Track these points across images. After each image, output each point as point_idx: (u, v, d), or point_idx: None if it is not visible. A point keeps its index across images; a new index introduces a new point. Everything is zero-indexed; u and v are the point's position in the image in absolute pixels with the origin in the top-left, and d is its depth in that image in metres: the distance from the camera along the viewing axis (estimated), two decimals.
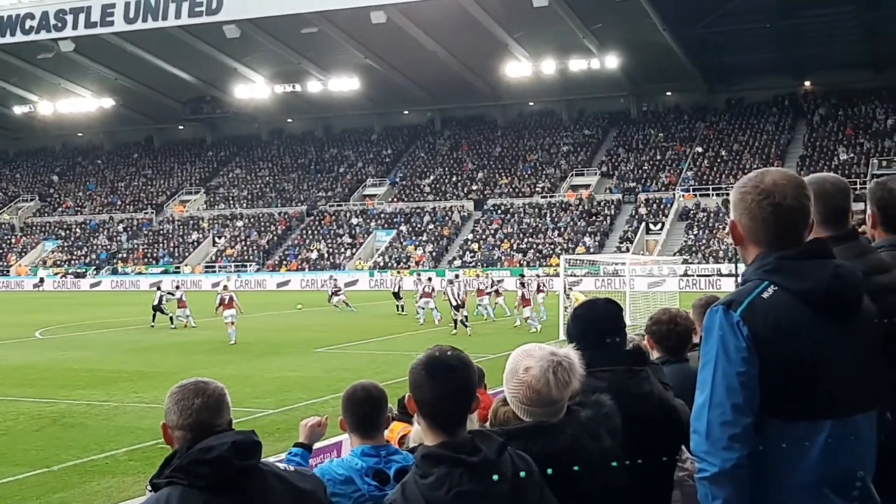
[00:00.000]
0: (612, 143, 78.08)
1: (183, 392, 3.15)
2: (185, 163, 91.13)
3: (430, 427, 3.04)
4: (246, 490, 3.02)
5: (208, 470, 2.96)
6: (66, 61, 74.62)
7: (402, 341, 31.14)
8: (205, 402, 3.12)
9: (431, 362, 3.07)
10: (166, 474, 3.02)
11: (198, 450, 3.00)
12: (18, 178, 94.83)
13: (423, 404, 3.04)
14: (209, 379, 3.23)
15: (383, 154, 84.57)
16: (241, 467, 3.01)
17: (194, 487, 2.96)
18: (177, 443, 3.11)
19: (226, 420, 3.17)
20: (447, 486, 2.88)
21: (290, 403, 19.21)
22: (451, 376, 3.03)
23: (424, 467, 2.95)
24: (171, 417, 3.14)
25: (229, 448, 2.99)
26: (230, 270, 71.82)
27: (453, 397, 3.03)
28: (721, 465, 2.87)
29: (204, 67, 76.81)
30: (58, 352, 30.06)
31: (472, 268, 65.13)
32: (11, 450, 16.07)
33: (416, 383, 3.07)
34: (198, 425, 3.09)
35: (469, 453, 2.93)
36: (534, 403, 3.25)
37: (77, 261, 78.49)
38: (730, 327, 2.92)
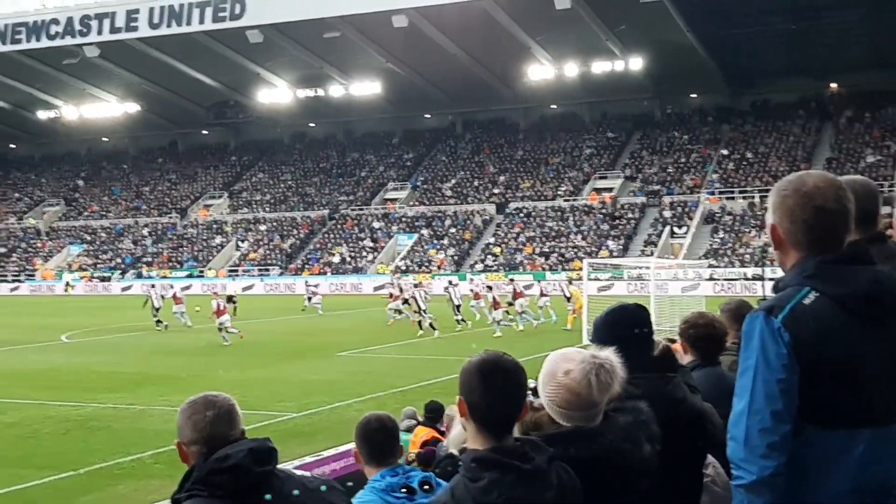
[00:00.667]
0: (635, 146, 77.85)
1: (194, 407, 3.17)
2: (208, 167, 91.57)
3: (478, 431, 3.01)
4: (267, 496, 3.04)
5: (227, 478, 2.97)
6: (91, 66, 75.19)
7: (424, 346, 31.19)
8: (217, 414, 3.14)
9: (486, 366, 3.03)
10: (186, 488, 3.04)
11: (214, 459, 3.02)
12: (44, 183, 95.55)
13: (474, 408, 3.01)
14: (217, 392, 3.26)
15: (405, 158, 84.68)
16: (259, 473, 3.03)
17: (215, 497, 2.98)
18: (193, 458, 3.12)
19: (239, 430, 3.18)
20: (497, 492, 2.87)
21: (313, 407, 19.27)
22: (505, 381, 3.01)
23: (475, 471, 2.92)
24: (185, 433, 3.16)
25: (246, 455, 3.01)
26: (253, 274, 72.10)
27: (506, 402, 3.00)
28: (759, 473, 2.84)
29: (227, 72, 77.22)
30: (84, 355, 30.27)
31: (495, 272, 65.07)
32: (38, 453, 16.22)
33: (468, 386, 3.03)
34: (212, 437, 3.10)
35: (521, 460, 2.93)
36: (572, 407, 3.22)
37: (102, 265, 79.00)
38: (770, 334, 2.89)
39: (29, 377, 24.98)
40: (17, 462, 15.59)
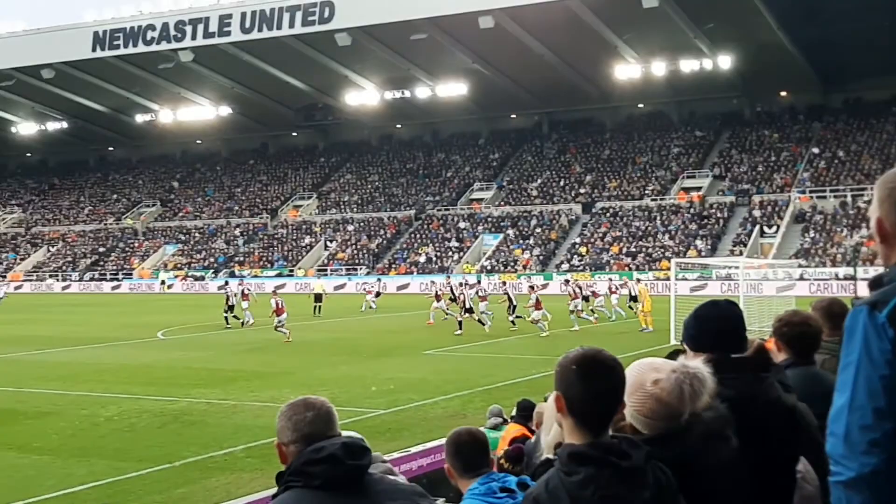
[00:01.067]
0: (724, 145, 76.77)
1: (294, 408, 3.24)
2: (298, 169, 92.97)
3: (575, 426, 2.97)
4: (360, 492, 3.09)
5: (321, 469, 3.03)
6: (186, 71, 76.96)
7: (510, 344, 31.32)
8: (316, 415, 3.20)
9: (586, 361, 2.99)
10: (283, 481, 3.14)
11: (309, 451, 3.09)
12: (141, 185, 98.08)
13: (572, 403, 2.97)
14: (315, 395, 3.36)
15: (490, 158, 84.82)
16: (351, 466, 3.08)
17: (309, 488, 3.03)
18: (291, 458, 3.17)
19: (336, 432, 3.23)
20: (593, 488, 2.84)
21: (400, 404, 19.57)
22: (605, 376, 2.97)
23: (570, 465, 2.88)
24: (284, 434, 3.22)
25: (340, 447, 3.08)
26: (341, 274, 73.00)
27: (605, 397, 2.96)
28: (858, 470, 2.73)
29: (316, 75, 78.32)
30: (179, 352, 31.10)
31: (581, 271, 64.84)
32: (135, 446, 16.72)
33: (567, 381, 2.98)
34: (311, 437, 3.15)
35: (618, 457, 2.88)
36: (658, 417, 3.16)
37: (196, 264, 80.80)
38: (874, 329, 2.75)
39: (127, 373, 25.78)
40: (115, 454, 16.12)
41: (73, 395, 22.12)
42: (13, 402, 21.33)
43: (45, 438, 17.46)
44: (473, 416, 17.33)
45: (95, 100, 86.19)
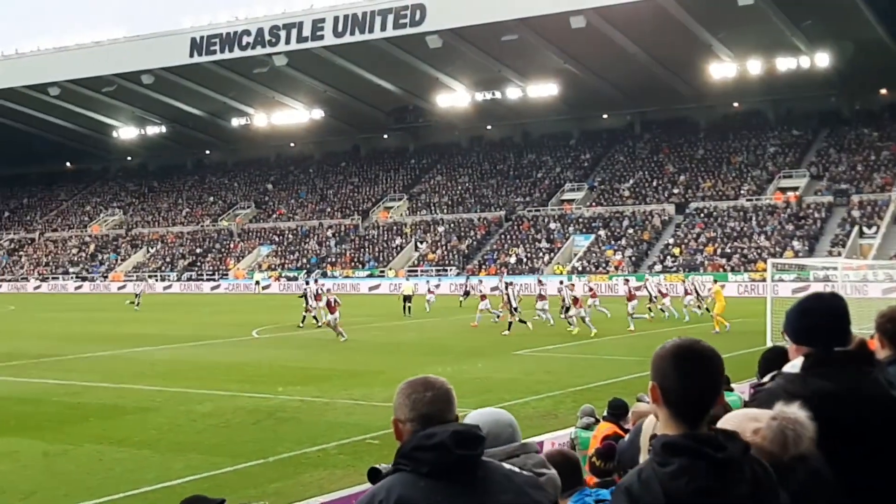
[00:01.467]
0: (822, 144, 75.02)
1: (413, 386, 3.22)
2: (389, 170, 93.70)
3: (671, 417, 2.95)
4: (469, 480, 3.05)
5: (430, 456, 3.02)
6: (280, 75, 78.20)
7: (602, 345, 31.06)
8: (435, 395, 3.18)
9: (682, 351, 2.96)
10: (393, 463, 3.13)
11: (420, 436, 3.07)
12: (236, 187, 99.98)
13: (668, 393, 2.95)
14: (436, 376, 3.30)
15: (581, 159, 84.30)
16: (460, 456, 3.03)
17: (417, 473, 3.03)
18: (406, 436, 3.16)
19: (454, 415, 3.20)
20: (688, 478, 2.79)
21: (490, 404, 19.41)
22: (701, 366, 2.94)
23: (664, 456, 2.85)
24: (401, 411, 3.20)
25: (451, 436, 3.04)
26: (431, 275, 73.27)
27: (702, 388, 2.93)
28: None
29: (407, 78, 78.84)
30: (273, 350, 31.62)
31: (674, 272, 64.02)
32: (231, 442, 17.02)
33: (662, 372, 2.97)
34: (428, 417, 3.14)
35: (714, 448, 2.83)
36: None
37: (289, 265, 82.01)
38: None
39: (223, 370, 26.27)
40: (211, 449, 16.44)
41: (171, 391, 22.63)
42: (115, 398, 21.93)
43: (144, 433, 17.89)
44: (564, 416, 17.25)
45: (193, 104, 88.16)
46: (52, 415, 19.97)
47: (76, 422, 19.20)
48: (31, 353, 31.15)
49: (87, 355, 30.47)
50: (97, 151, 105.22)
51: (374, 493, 3.06)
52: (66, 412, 20.28)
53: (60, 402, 21.48)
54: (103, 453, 16.17)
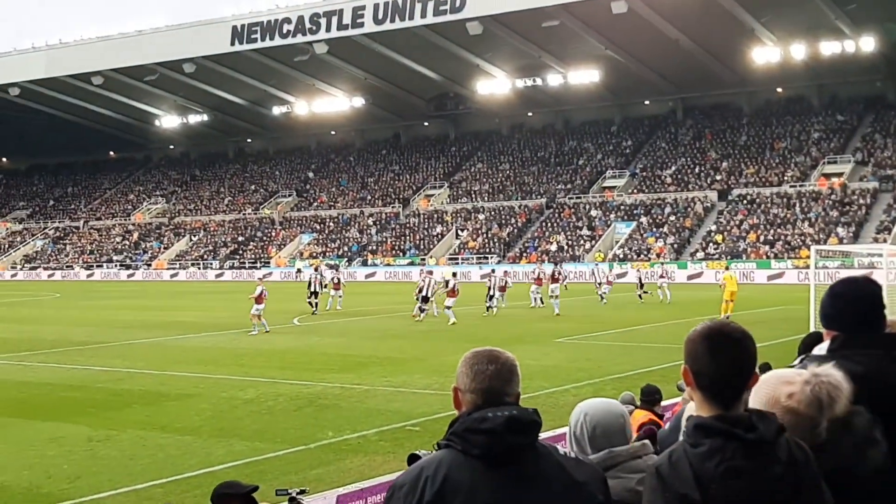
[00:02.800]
0: (867, 129, 73.93)
1: (477, 357, 3.18)
2: (429, 158, 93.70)
3: (705, 399, 2.93)
4: (519, 466, 3.02)
5: (481, 440, 2.98)
6: (320, 63, 78.40)
7: (643, 333, 30.88)
8: (497, 370, 3.13)
9: (713, 333, 2.95)
10: (446, 437, 3.11)
11: (474, 418, 3.03)
12: (278, 175, 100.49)
13: (700, 376, 2.93)
14: (502, 349, 3.25)
15: (623, 145, 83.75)
16: (512, 443, 3.01)
17: (468, 455, 3.00)
18: (465, 406, 3.13)
19: (515, 391, 3.16)
20: (718, 459, 2.79)
21: (531, 391, 19.46)
22: (732, 348, 2.92)
23: (696, 437, 2.85)
24: (462, 381, 3.16)
25: (504, 422, 3.00)
26: (472, 263, 73.23)
27: (733, 369, 2.91)
28: None
29: (447, 65, 78.72)
30: (314, 337, 31.76)
31: (716, 260, 63.58)
32: (273, 428, 17.12)
33: (694, 354, 2.96)
34: (488, 391, 3.10)
35: (745, 429, 2.82)
36: (797, 429, 3.03)
37: (331, 252, 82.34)
38: None
39: (264, 357, 26.43)
40: (253, 436, 16.54)
41: (213, 378, 22.80)
42: (157, 385, 22.14)
43: (187, 419, 18.04)
44: None
45: (234, 92, 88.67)
46: (97, 401, 20.19)
47: (120, 408, 19.41)
48: (75, 340, 31.55)
49: (131, 342, 30.80)
50: (140, 140, 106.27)
51: (423, 468, 3.05)
52: (109, 398, 20.51)
53: (104, 389, 21.72)
54: (146, 439, 16.33)
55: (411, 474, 3.07)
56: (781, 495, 2.82)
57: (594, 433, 3.91)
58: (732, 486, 2.78)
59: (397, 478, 3.14)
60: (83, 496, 13.06)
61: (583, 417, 3.99)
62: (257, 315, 32.79)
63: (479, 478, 2.98)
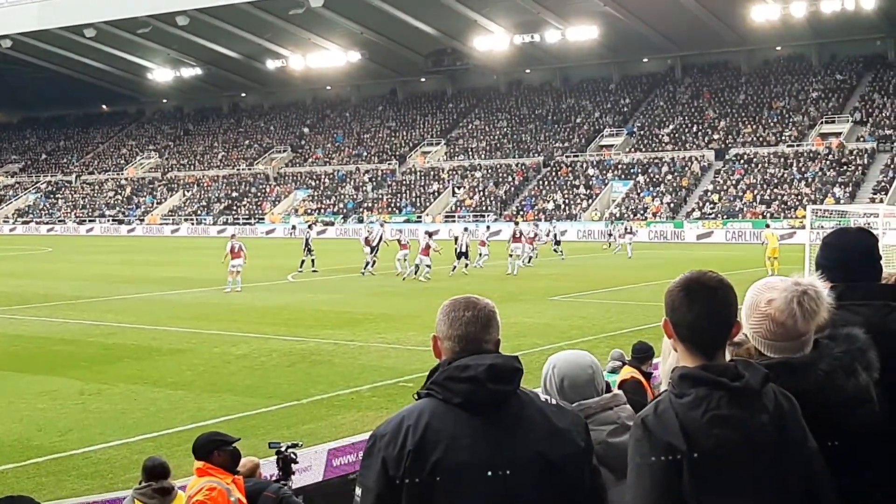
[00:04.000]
0: (866, 89, 73.51)
1: (454, 305, 3.17)
2: (426, 115, 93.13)
3: (687, 350, 2.94)
4: (501, 414, 3.01)
5: (463, 388, 2.97)
6: (315, 17, 77.57)
7: (636, 291, 30.82)
8: (475, 316, 3.12)
9: (691, 283, 2.96)
10: (426, 386, 3.06)
11: (455, 366, 3.02)
12: (272, 131, 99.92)
13: (680, 327, 2.95)
14: (480, 296, 3.23)
15: (621, 104, 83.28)
16: (494, 390, 2.99)
17: (449, 403, 2.98)
18: (444, 354, 3.13)
19: (494, 338, 3.14)
20: (704, 408, 2.80)
21: (525, 348, 19.44)
22: (711, 297, 2.92)
23: (682, 387, 2.87)
24: (440, 328, 3.16)
25: (485, 370, 2.98)
26: (469, 220, 72.98)
27: (713, 319, 2.91)
28: None
29: (445, 20, 77.99)
30: (308, 294, 31.71)
31: (713, 219, 63.58)
32: (265, 384, 17.15)
33: (673, 305, 2.97)
34: (466, 337, 3.09)
35: (732, 378, 2.84)
36: (778, 338, 3.09)
37: (326, 209, 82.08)
38: None
39: (257, 313, 26.40)
40: (246, 391, 16.55)
41: (205, 333, 22.76)
42: (149, 340, 22.09)
43: (178, 374, 18.03)
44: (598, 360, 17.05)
45: (228, 46, 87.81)
46: (88, 355, 20.16)
47: (111, 362, 19.38)
48: (67, 294, 31.46)
49: (123, 297, 30.72)
50: (133, 94, 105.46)
51: (404, 417, 3.02)
52: (101, 353, 20.47)
53: (96, 343, 21.68)
54: (138, 393, 16.32)
55: (392, 424, 3.02)
56: (767, 443, 2.83)
57: (562, 385, 3.90)
58: (718, 434, 2.79)
59: (378, 427, 3.07)
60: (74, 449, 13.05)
61: (551, 370, 3.98)
62: (236, 271, 32.09)
63: (462, 426, 2.97)
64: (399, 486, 2.93)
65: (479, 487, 2.95)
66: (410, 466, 2.92)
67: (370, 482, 2.97)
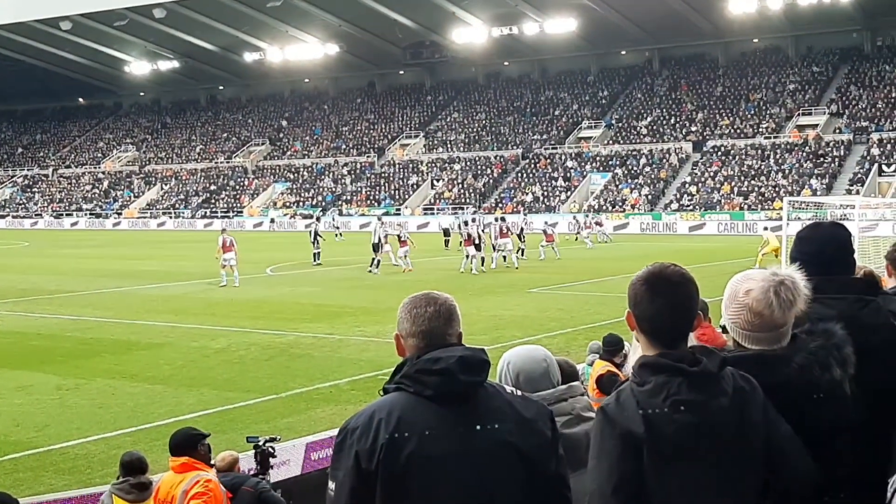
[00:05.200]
0: (842, 81, 73.95)
1: (415, 302, 3.19)
2: (405, 107, 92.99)
3: (649, 342, 2.99)
4: (471, 405, 3.04)
5: (434, 380, 2.99)
6: (293, 8, 77.32)
7: (616, 283, 30.91)
8: (437, 311, 3.15)
9: (652, 277, 3.00)
10: (395, 380, 3.08)
11: (426, 359, 3.04)
12: (250, 123, 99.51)
13: (642, 320, 2.99)
14: (439, 292, 3.26)
15: (599, 96, 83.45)
16: (466, 382, 3.03)
17: (420, 396, 3.01)
18: (409, 351, 3.14)
19: (456, 331, 3.18)
20: (664, 395, 2.84)
21: (504, 341, 19.49)
22: (672, 290, 2.96)
23: (642, 375, 2.91)
24: (403, 326, 3.17)
25: (456, 362, 3.02)
26: (448, 213, 73.01)
27: (674, 312, 2.96)
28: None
29: (423, 12, 77.90)
30: (287, 287, 31.67)
31: (690, 211, 63.84)
32: (244, 377, 17.13)
33: (635, 298, 3.01)
34: (429, 333, 3.12)
35: (689, 363, 2.89)
36: (756, 328, 3.11)
37: (304, 202, 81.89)
38: None
39: (236, 307, 26.34)
40: (224, 385, 16.54)
41: (183, 327, 22.71)
42: (127, 334, 22.01)
43: (157, 368, 17.98)
44: (576, 352, 17.15)
45: (205, 39, 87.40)
46: (66, 350, 20.08)
47: (89, 357, 19.31)
48: (45, 289, 31.29)
49: (101, 291, 30.59)
50: (110, 87, 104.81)
51: (375, 411, 3.03)
52: (78, 347, 20.40)
53: (73, 338, 21.59)
54: (115, 388, 16.27)
55: (363, 417, 3.04)
56: (728, 426, 2.87)
57: (517, 380, 3.92)
58: (678, 419, 2.83)
59: (348, 421, 3.09)
60: (52, 444, 13.01)
61: (506, 366, 4.01)
62: (229, 266, 31.67)
63: (433, 418, 3.00)
64: (373, 478, 2.96)
65: (451, 478, 2.99)
66: (384, 459, 2.95)
67: (343, 476, 2.99)
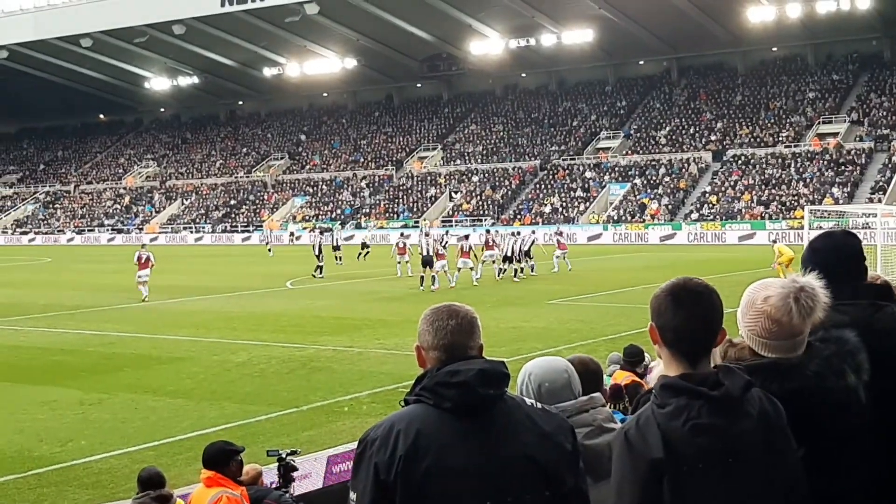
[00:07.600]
0: (862, 89, 73.60)
1: (437, 314, 3.18)
2: (422, 120, 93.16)
3: (672, 357, 2.96)
4: (490, 418, 3.04)
5: (453, 393, 2.99)
6: (311, 24, 77.66)
7: (636, 294, 30.81)
8: (458, 324, 3.14)
9: (677, 289, 2.96)
10: (415, 392, 3.08)
11: (445, 372, 3.04)
12: (270, 138, 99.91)
13: (665, 331, 2.95)
14: (461, 304, 3.24)
15: (617, 106, 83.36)
16: (484, 395, 3.02)
17: (439, 408, 3.00)
18: (430, 363, 3.14)
19: (478, 344, 3.18)
20: (684, 418, 2.82)
21: (524, 353, 19.42)
22: (694, 303, 2.92)
23: (663, 397, 2.88)
24: (424, 339, 3.17)
25: (475, 374, 3.01)
26: (466, 225, 72.99)
27: (698, 326, 2.92)
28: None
29: (440, 25, 78.10)
30: (307, 300, 31.70)
31: (711, 221, 63.61)
32: (265, 391, 17.13)
33: (658, 311, 2.97)
34: (451, 346, 3.11)
35: (711, 387, 2.85)
36: (773, 336, 3.09)
37: (324, 216, 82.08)
38: None
39: (256, 321, 26.38)
40: (245, 398, 16.55)
41: (205, 341, 22.77)
42: (149, 348, 22.10)
43: (178, 382, 18.03)
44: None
45: (224, 54, 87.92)
46: (88, 365, 20.16)
47: (111, 371, 19.38)
48: (67, 304, 31.46)
49: (122, 306, 30.74)
50: (130, 103, 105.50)
51: (394, 423, 3.04)
52: (101, 362, 20.48)
53: (96, 353, 21.68)
54: (138, 402, 16.31)
55: (382, 429, 3.04)
56: (750, 450, 2.85)
57: (540, 391, 3.92)
58: (699, 443, 2.80)
59: (367, 433, 3.09)
60: (75, 459, 13.04)
61: (527, 377, 4.01)
62: (142, 281, 31.83)
63: (452, 430, 3.00)
64: (392, 490, 2.96)
65: (469, 491, 2.99)
66: (402, 471, 2.95)
67: (363, 487, 3.01)
